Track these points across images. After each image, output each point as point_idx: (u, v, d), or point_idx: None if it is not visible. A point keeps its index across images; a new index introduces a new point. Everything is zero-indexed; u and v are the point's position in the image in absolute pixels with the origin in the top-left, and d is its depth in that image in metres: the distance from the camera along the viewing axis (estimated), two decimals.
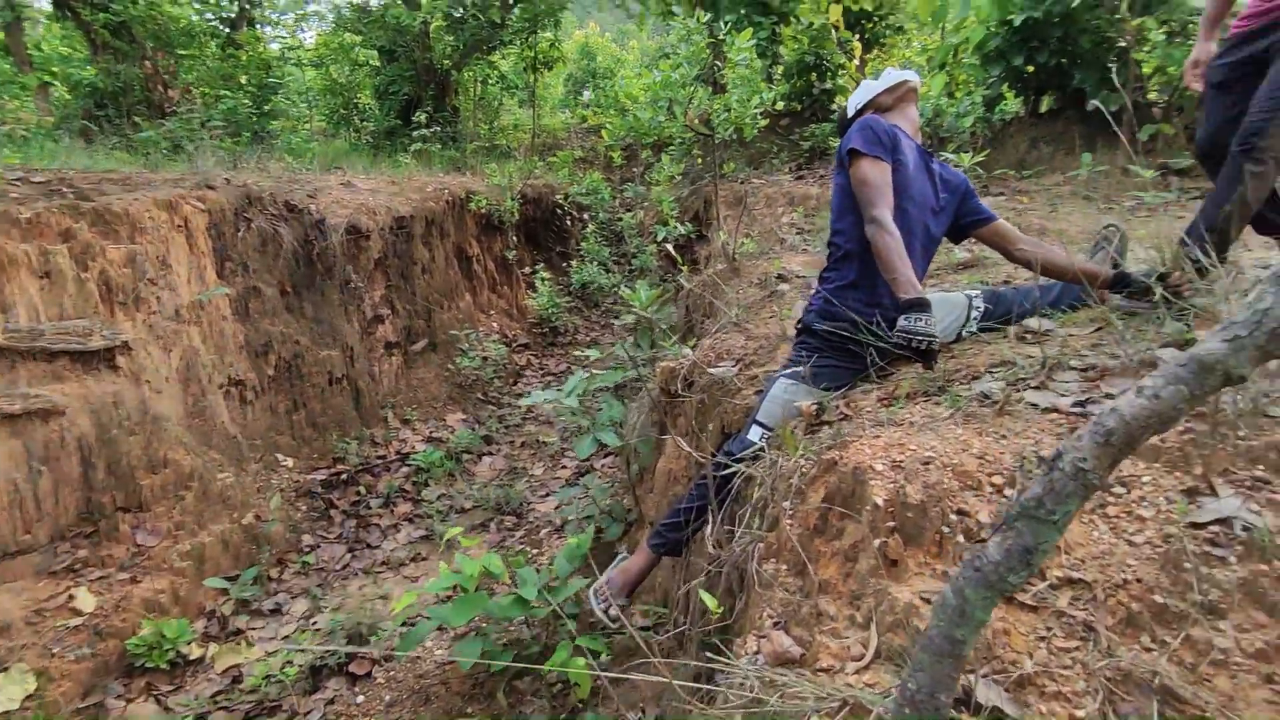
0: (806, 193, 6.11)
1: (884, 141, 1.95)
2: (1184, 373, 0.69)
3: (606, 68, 27.78)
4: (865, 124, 2.00)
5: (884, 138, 1.96)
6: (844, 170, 2.03)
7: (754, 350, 2.57)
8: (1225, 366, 0.67)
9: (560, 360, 9.89)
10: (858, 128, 1.99)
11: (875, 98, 2.19)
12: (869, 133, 1.97)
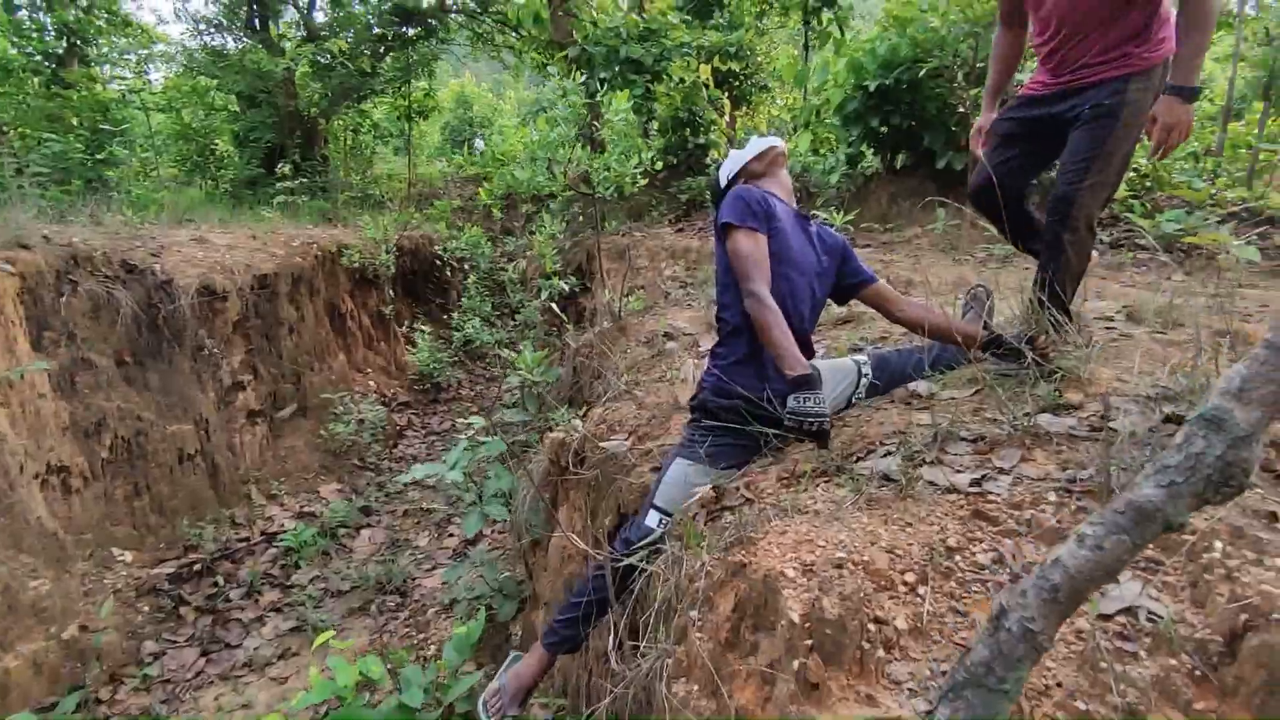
0: (687, 245, 6.22)
1: (757, 211, 1.95)
2: (1124, 521, 0.65)
3: (484, 117, 27.72)
4: (737, 195, 1.99)
5: (756, 207, 1.96)
6: (722, 243, 2.01)
7: (647, 421, 2.49)
8: (1164, 515, 0.64)
9: (444, 418, 9.47)
10: (730, 200, 1.98)
11: (746, 165, 2.20)
12: (740, 204, 1.96)
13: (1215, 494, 0.64)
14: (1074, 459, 1.49)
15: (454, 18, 14.15)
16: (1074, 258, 2.14)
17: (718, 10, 10.22)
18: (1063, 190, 2.06)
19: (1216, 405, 0.65)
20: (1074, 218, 2.07)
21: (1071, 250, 2.12)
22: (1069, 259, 2.14)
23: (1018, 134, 2.28)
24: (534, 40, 11.45)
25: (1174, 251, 4.70)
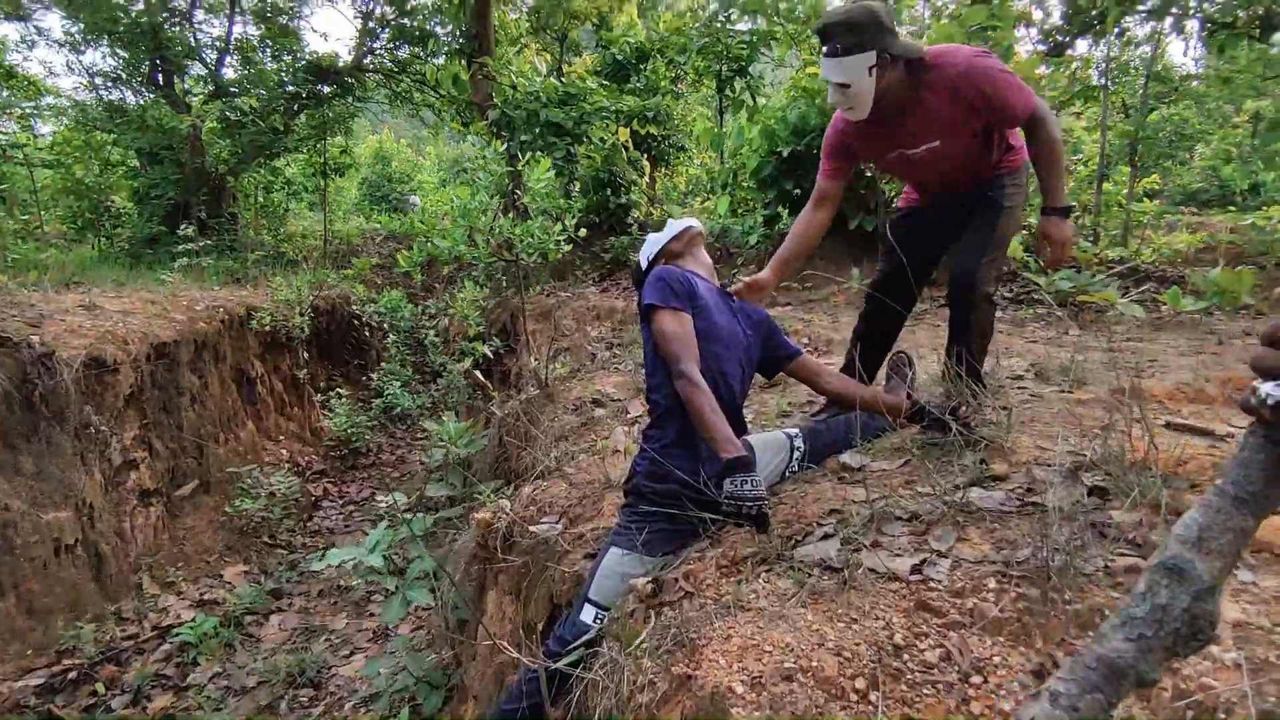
0: (612, 306, 6.23)
1: (679, 290, 1.95)
2: (1097, 678, 0.63)
3: (403, 173, 27.49)
4: (658, 276, 1.99)
5: (678, 286, 1.95)
6: (647, 326, 1.99)
7: (578, 501, 2.40)
8: (1137, 671, 0.62)
9: (364, 485, 9.01)
10: (651, 281, 1.98)
11: (665, 246, 2.22)
12: (662, 285, 1.95)
13: (1184, 647, 0.63)
14: (1007, 537, 1.50)
15: (371, 76, 14.06)
16: (980, 329, 2.29)
17: (635, 75, 10.55)
18: (963, 270, 2.21)
19: (1176, 554, 0.64)
20: (976, 293, 2.22)
21: (976, 322, 2.27)
22: (976, 331, 2.29)
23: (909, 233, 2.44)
24: (454, 101, 11.48)
25: (1068, 306, 5.02)
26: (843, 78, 2.02)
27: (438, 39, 11.98)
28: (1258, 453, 0.57)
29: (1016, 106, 2.07)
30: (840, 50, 1.98)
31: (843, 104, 2.09)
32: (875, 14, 1.98)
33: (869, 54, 1.98)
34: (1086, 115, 12.07)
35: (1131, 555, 1.35)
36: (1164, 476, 1.60)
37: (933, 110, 2.10)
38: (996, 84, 2.04)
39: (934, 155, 2.20)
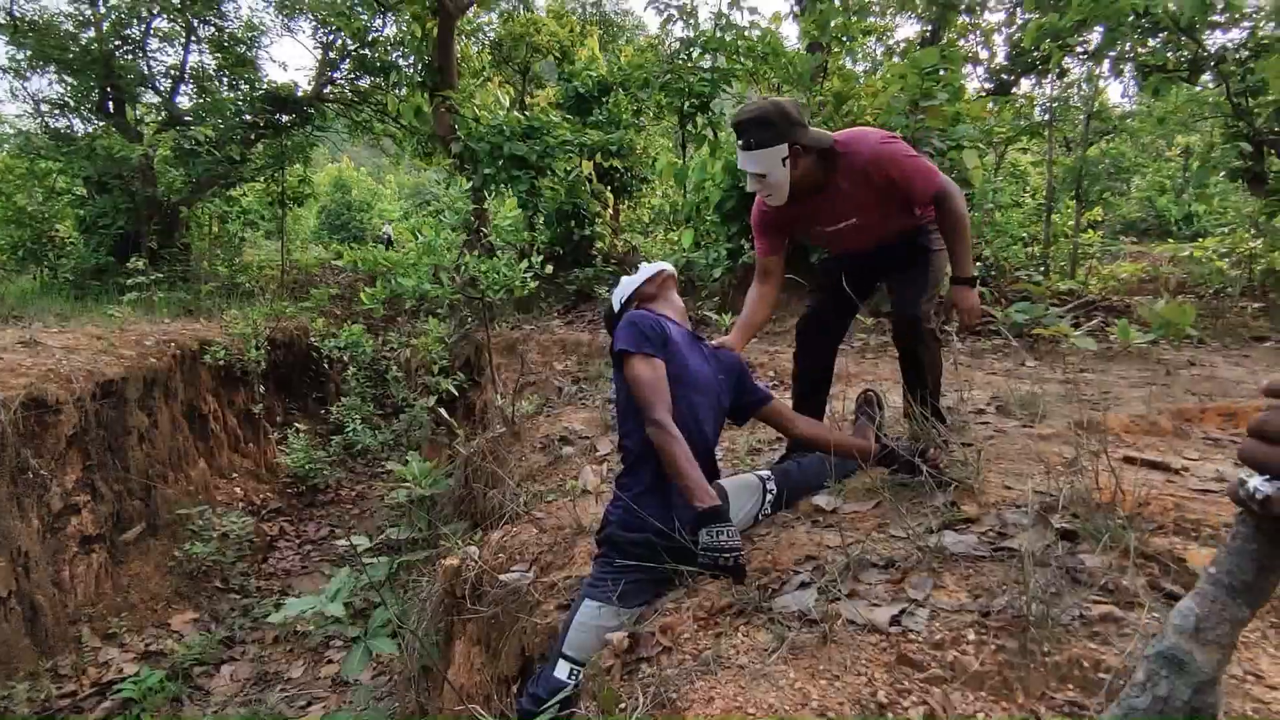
0: (578, 339, 6.21)
1: (651, 336, 1.93)
2: None
3: (363, 201, 27.23)
4: (630, 321, 1.97)
5: (651, 332, 1.94)
6: (619, 370, 1.97)
7: (549, 547, 2.35)
8: None
9: (322, 523, 8.72)
10: (623, 327, 1.96)
11: (639, 289, 2.21)
12: (634, 330, 1.94)
13: None
14: (983, 584, 1.51)
15: (331, 106, 13.95)
16: (931, 364, 2.40)
17: (597, 108, 10.67)
18: (906, 314, 2.33)
19: (1175, 645, 0.65)
20: (921, 331, 2.32)
21: (927, 360, 2.38)
22: (928, 367, 2.39)
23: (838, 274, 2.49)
24: (415, 132, 11.45)
25: (1024, 338, 5.16)
26: (758, 168, 2.14)
27: (400, 70, 11.96)
28: (1248, 542, 0.57)
29: (922, 189, 2.21)
30: (754, 144, 2.11)
31: (762, 191, 2.22)
32: (784, 109, 2.10)
33: (781, 146, 2.10)
34: (1033, 150, 12.59)
35: (1106, 602, 1.36)
36: (1130, 518, 1.63)
37: (845, 193, 2.22)
38: (903, 168, 2.18)
39: (855, 229, 2.32)
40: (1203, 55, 7.02)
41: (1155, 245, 11.79)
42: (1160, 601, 1.37)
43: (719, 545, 1.61)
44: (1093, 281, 7.52)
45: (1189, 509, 1.63)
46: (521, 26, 13.50)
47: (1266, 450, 0.55)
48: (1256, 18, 7.06)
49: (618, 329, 1.98)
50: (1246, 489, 0.56)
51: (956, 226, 2.28)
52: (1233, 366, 4.49)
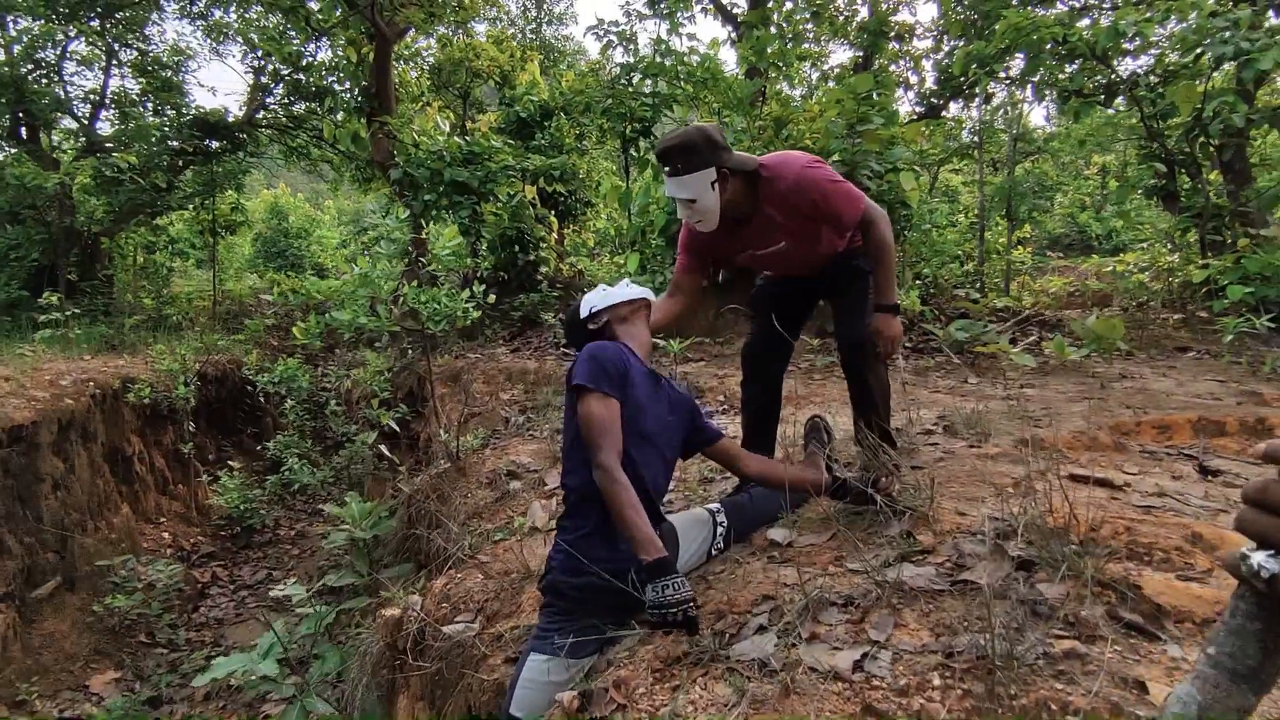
0: (525, 366, 6.08)
1: (612, 374, 1.85)
2: None
3: (300, 228, 26.51)
4: (593, 354, 1.88)
5: (612, 369, 1.86)
6: (572, 403, 1.88)
7: (495, 594, 2.23)
8: None
9: (259, 566, 8.29)
10: (585, 359, 1.87)
11: (616, 305, 2.12)
12: (595, 365, 1.85)
13: None
14: (944, 621, 1.46)
15: (264, 132, 13.54)
16: (879, 386, 2.39)
17: (540, 132, 10.61)
18: (850, 337, 2.33)
19: None
20: (867, 352, 2.32)
21: (875, 382, 2.37)
22: (877, 390, 2.37)
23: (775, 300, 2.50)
24: (353, 158, 11.19)
25: (965, 355, 5.27)
26: (688, 194, 2.11)
27: (336, 95, 11.70)
28: (1250, 621, 0.53)
29: (847, 214, 2.22)
30: (681, 169, 2.08)
31: (692, 218, 2.18)
32: (707, 134, 2.10)
33: (709, 170, 2.08)
34: (964, 171, 13.09)
35: (1068, 636, 1.33)
36: (1084, 543, 1.62)
37: (772, 217, 2.21)
38: (826, 194, 2.17)
39: (783, 254, 2.31)
40: (1116, 81, 7.40)
41: (1080, 260, 12.34)
42: (1120, 633, 1.35)
43: (666, 600, 1.54)
44: (1026, 297, 7.79)
45: (1140, 532, 1.63)
46: (460, 51, 13.38)
47: (1269, 522, 0.51)
48: (1163, 46, 7.49)
49: (579, 360, 1.87)
50: (1249, 565, 0.51)
51: (880, 252, 2.28)
52: (1161, 377, 4.67)
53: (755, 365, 2.57)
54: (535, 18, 23.34)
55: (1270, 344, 5.57)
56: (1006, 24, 6.96)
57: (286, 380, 6.34)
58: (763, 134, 6.28)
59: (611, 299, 2.14)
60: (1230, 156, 7.23)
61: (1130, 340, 5.45)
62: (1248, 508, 0.52)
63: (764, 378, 2.60)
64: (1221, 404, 3.84)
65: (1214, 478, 2.73)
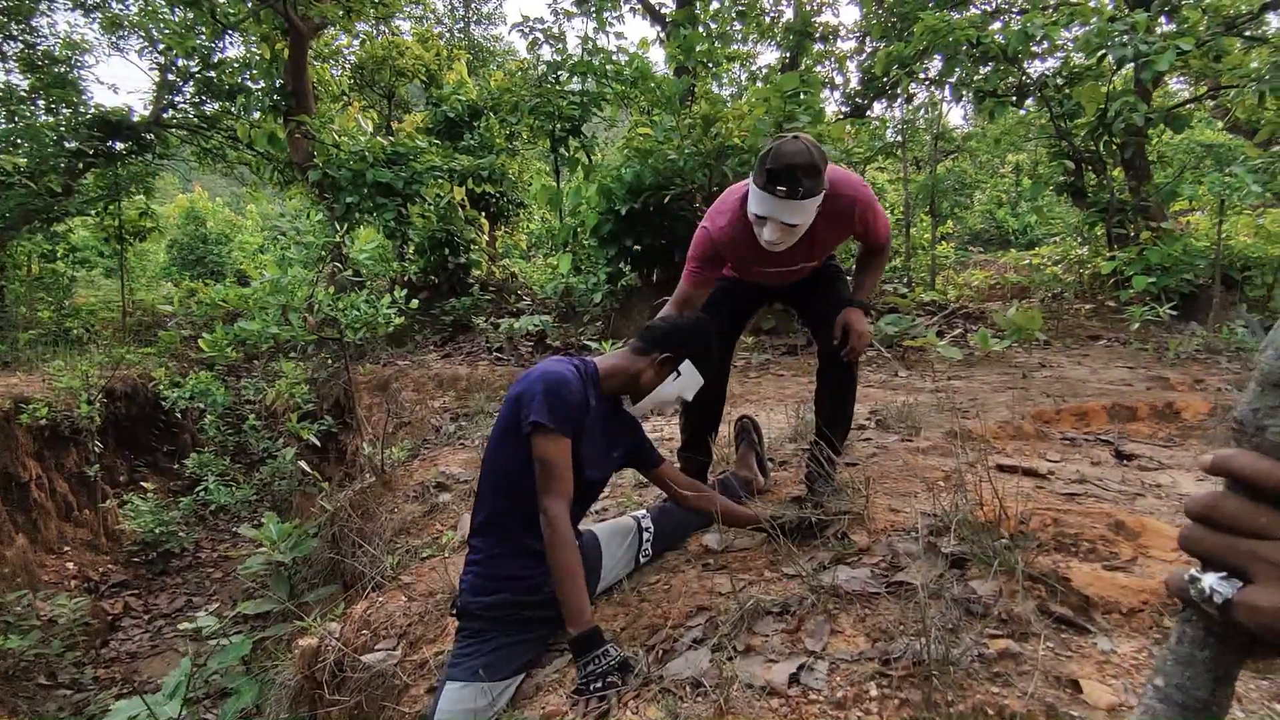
0: (456, 373, 5.89)
1: (573, 416, 1.73)
2: None
3: (220, 234, 25.33)
4: (556, 388, 1.72)
5: (575, 411, 1.73)
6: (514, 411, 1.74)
7: (419, 617, 2.10)
8: None
9: (177, 593, 7.80)
10: (548, 389, 1.71)
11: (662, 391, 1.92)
12: (558, 402, 1.70)
13: None
14: (879, 625, 1.43)
15: (174, 133, 12.78)
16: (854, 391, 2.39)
17: (468, 133, 10.37)
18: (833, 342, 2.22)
19: None
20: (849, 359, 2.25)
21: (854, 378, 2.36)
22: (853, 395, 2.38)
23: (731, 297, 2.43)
24: (271, 160, 10.69)
25: (895, 349, 5.38)
26: (797, 219, 1.90)
27: (250, 94, 11.15)
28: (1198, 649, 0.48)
29: (883, 236, 2.22)
30: (802, 193, 1.85)
31: (781, 242, 1.96)
32: (824, 153, 1.90)
33: (820, 196, 1.91)
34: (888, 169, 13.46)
35: (1001, 636, 1.31)
36: (1013, 537, 1.62)
37: (819, 232, 2.07)
38: (877, 215, 2.16)
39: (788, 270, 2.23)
40: (1027, 82, 7.71)
41: (999, 254, 12.86)
42: (1051, 628, 1.34)
43: (593, 673, 1.46)
44: (950, 290, 8.04)
45: (1066, 522, 1.64)
46: (383, 49, 12.97)
47: (1217, 541, 0.46)
48: (1069, 49, 7.85)
49: (539, 391, 1.70)
50: (1199, 588, 0.46)
51: (877, 266, 2.31)
52: (1076, 365, 4.86)
53: None
54: (463, 17, 22.91)
55: (1172, 331, 5.89)
56: (923, 26, 7.16)
57: (199, 395, 5.97)
58: (692, 132, 6.28)
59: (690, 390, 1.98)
60: (1131, 154, 7.64)
61: (1047, 330, 5.67)
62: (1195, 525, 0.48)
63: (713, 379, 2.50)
64: (1133, 389, 4.01)
65: (1129, 462, 2.83)
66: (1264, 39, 8.27)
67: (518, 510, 1.74)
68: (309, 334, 3.65)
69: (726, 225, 2.11)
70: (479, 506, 1.82)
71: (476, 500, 1.83)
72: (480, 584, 1.70)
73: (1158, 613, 1.35)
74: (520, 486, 1.73)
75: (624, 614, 1.79)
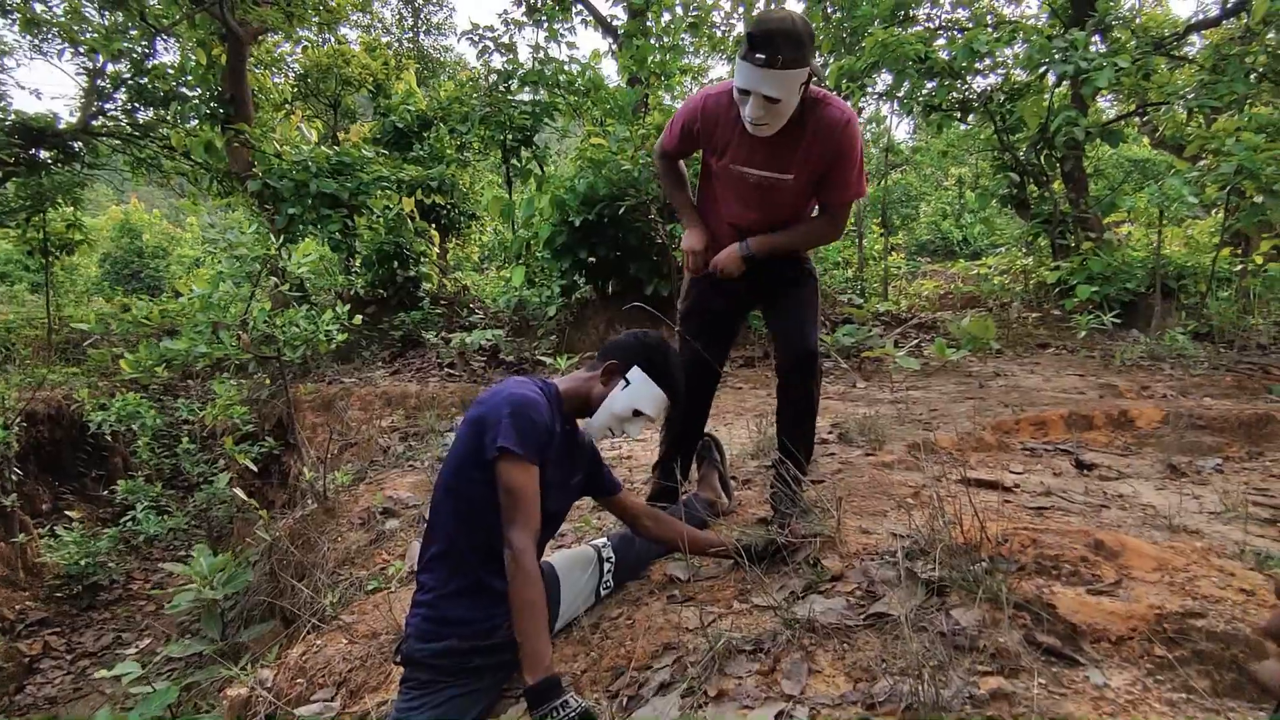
0: (405, 390, 5.67)
1: (542, 442, 1.60)
2: None
3: (157, 247, 24.37)
4: (524, 411, 1.59)
5: (543, 436, 1.61)
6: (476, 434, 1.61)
7: (360, 661, 1.93)
8: None
9: (104, 630, 7.31)
10: (516, 413, 1.58)
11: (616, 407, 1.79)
12: (528, 425, 1.57)
13: None
14: (860, 662, 1.34)
15: (104, 141, 12.17)
16: (817, 404, 2.24)
17: (418, 143, 10.13)
18: (804, 348, 2.12)
19: None
20: (818, 367, 2.17)
21: (817, 393, 2.22)
22: (816, 401, 2.23)
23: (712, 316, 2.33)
24: (209, 170, 10.26)
25: (852, 359, 5.37)
26: (777, 92, 1.80)
27: (186, 101, 10.70)
28: None
29: (854, 185, 2.06)
30: (781, 62, 1.76)
31: (761, 119, 1.87)
32: (811, 30, 1.83)
33: (804, 71, 1.81)
34: None
35: (991, 672, 1.23)
36: (992, 559, 1.54)
37: (804, 144, 1.98)
38: (857, 154, 2.01)
39: (770, 189, 2.07)
40: (971, 97, 7.89)
41: (947, 264, 13.15)
42: (1041, 661, 1.26)
43: None
44: (902, 300, 8.14)
45: (1045, 543, 1.58)
46: (329, 58, 12.63)
47: None
48: (1010, 65, 8.07)
49: (506, 414, 1.57)
50: None
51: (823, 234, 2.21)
52: (1029, 374, 4.91)
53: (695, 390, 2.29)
54: (412, 27, 22.56)
55: (1116, 338, 6.04)
56: (873, 41, 7.26)
57: (128, 418, 5.60)
58: (646, 142, 6.21)
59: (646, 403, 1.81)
60: (1071, 167, 7.87)
61: (998, 339, 5.74)
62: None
63: (694, 400, 2.34)
64: (1085, 397, 4.06)
65: (1089, 472, 2.83)
66: (1189, 59, 8.66)
67: (477, 543, 1.60)
68: (240, 352, 3.42)
69: (718, 93, 2.04)
70: (432, 538, 1.67)
71: (428, 531, 1.68)
72: (427, 628, 1.55)
73: (1147, 640, 1.28)
74: (482, 518, 1.59)
75: (584, 654, 1.66)
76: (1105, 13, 7.19)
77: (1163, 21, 9.75)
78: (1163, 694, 1.18)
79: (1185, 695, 1.17)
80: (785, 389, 2.20)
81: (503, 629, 1.54)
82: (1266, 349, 5.48)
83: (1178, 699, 1.17)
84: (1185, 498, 2.36)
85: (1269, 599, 1.36)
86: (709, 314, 2.32)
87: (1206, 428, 3.30)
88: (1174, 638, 1.28)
